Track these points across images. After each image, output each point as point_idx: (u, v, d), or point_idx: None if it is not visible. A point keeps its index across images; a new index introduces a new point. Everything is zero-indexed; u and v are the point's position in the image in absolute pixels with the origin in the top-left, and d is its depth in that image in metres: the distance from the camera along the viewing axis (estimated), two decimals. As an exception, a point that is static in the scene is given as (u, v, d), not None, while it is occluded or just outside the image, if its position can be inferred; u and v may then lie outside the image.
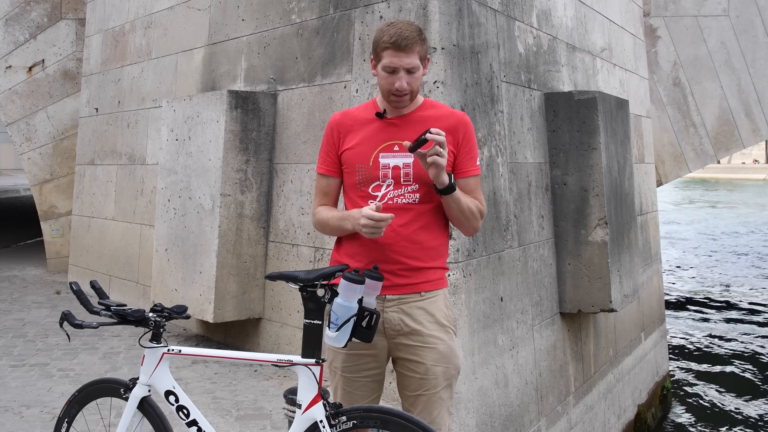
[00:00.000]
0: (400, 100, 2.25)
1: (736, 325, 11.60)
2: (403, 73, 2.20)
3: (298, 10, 5.04)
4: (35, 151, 8.98)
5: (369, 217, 2.11)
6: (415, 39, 2.18)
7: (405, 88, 2.20)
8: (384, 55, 2.20)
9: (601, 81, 6.24)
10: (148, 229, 6.61)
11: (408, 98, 2.25)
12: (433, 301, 2.29)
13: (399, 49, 2.17)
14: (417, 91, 2.28)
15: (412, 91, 2.24)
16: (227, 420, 3.98)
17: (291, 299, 4.91)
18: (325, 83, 4.77)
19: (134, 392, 2.35)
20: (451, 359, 2.29)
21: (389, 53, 2.18)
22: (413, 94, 2.26)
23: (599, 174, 4.91)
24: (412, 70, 2.20)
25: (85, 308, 2.32)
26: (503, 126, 4.45)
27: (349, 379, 2.31)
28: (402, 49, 2.17)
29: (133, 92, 7.18)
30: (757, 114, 8.57)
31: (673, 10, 8.55)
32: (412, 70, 2.20)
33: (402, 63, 2.18)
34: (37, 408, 4.11)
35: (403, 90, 2.21)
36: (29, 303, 7.06)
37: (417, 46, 2.19)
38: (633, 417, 6.57)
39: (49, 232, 9.12)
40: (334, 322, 2.08)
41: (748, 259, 18.56)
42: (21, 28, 8.89)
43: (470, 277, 3.92)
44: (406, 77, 2.20)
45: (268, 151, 5.22)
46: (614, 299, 4.92)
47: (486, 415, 3.93)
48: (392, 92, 2.23)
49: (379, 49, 2.22)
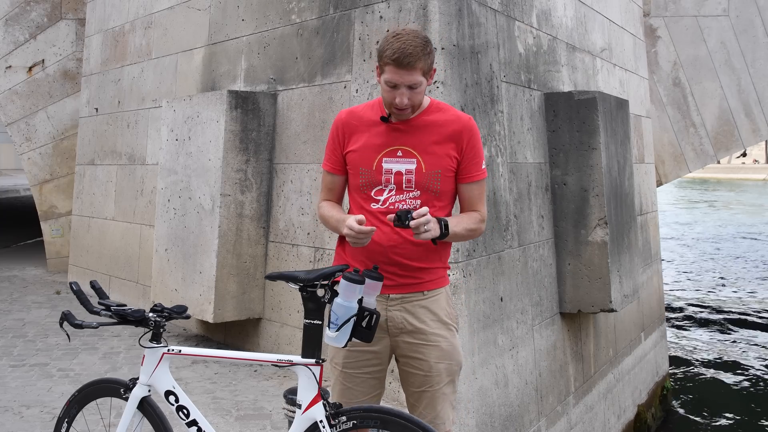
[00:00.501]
0: (400, 114, 2.25)
1: (736, 325, 11.59)
2: (404, 89, 2.18)
3: (298, 10, 5.04)
4: (35, 151, 8.98)
5: (350, 228, 2.14)
6: (418, 55, 2.15)
7: (405, 104, 2.20)
8: (386, 69, 2.18)
9: (601, 81, 6.24)
10: (148, 229, 6.61)
11: (409, 112, 2.25)
12: (436, 300, 2.32)
13: (401, 67, 2.15)
14: (419, 105, 2.27)
15: (413, 105, 2.24)
16: (227, 420, 3.98)
17: (291, 299, 4.91)
18: (325, 83, 4.77)
19: (134, 392, 2.35)
20: (454, 356, 2.32)
21: (391, 69, 2.16)
22: (414, 107, 2.25)
23: (599, 174, 4.91)
24: (414, 86, 2.19)
25: (85, 308, 2.33)
26: (503, 126, 4.45)
27: (350, 374, 2.32)
28: (404, 66, 2.14)
29: (133, 92, 7.18)
30: (757, 114, 8.57)
31: (673, 10, 8.54)
32: (413, 86, 2.19)
33: (403, 80, 2.16)
34: (37, 408, 4.11)
35: (403, 105, 2.21)
36: (29, 303, 7.06)
37: (420, 62, 2.16)
38: (633, 417, 6.57)
39: (49, 232, 9.11)
40: (334, 322, 2.08)
41: (748, 259, 18.56)
42: (21, 28, 8.89)
43: (470, 277, 3.93)
44: (407, 93, 2.19)
45: (268, 151, 5.22)
46: (614, 299, 4.92)
47: (486, 415, 3.93)
48: (392, 106, 2.23)
49: (382, 62, 2.20)
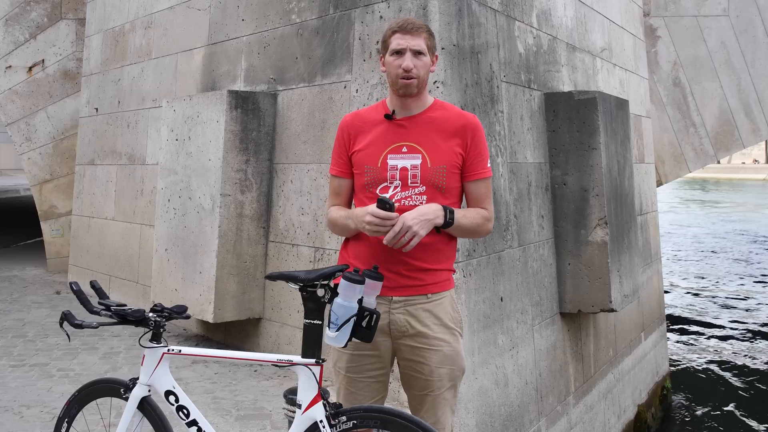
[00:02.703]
0: (408, 84, 2.24)
1: (736, 325, 11.60)
2: (409, 54, 2.23)
3: (298, 10, 5.04)
4: (35, 151, 8.98)
5: (374, 215, 2.11)
6: (421, 26, 2.26)
7: (411, 67, 2.22)
8: (392, 40, 2.26)
9: (601, 81, 6.24)
10: (148, 229, 6.61)
11: (415, 83, 2.25)
12: (440, 303, 2.29)
13: (406, 32, 2.24)
14: (424, 81, 2.28)
15: (419, 77, 2.24)
16: (227, 420, 3.98)
17: (291, 299, 4.91)
18: (325, 83, 4.77)
19: (134, 392, 2.34)
20: (456, 361, 2.29)
21: (397, 36, 2.25)
22: (420, 81, 2.25)
23: (599, 174, 4.91)
24: (420, 52, 2.24)
25: (85, 308, 2.32)
26: (503, 126, 4.45)
27: (353, 379, 2.31)
28: (408, 31, 2.24)
29: (133, 92, 7.18)
30: (757, 114, 8.57)
31: (673, 10, 8.54)
32: (419, 52, 2.24)
33: (409, 44, 2.23)
34: (37, 408, 4.11)
35: (410, 69, 2.22)
36: (29, 303, 7.06)
37: (423, 33, 2.26)
38: (633, 417, 6.57)
39: (49, 232, 9.11)
40: (334, 322, 2.07)
41: (748, 259, 18.55)
42: (21, 28, 8.89)
43: (470, 277, 3.93)
44: (413, 59, 2.23)
45: (268, 151, 5.22)
46: (614, 299, 4.91)
47: (486, 415, 3.93)
48: (400, 76, 2.23)
49: (387, 36, 2.28)
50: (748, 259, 18.46)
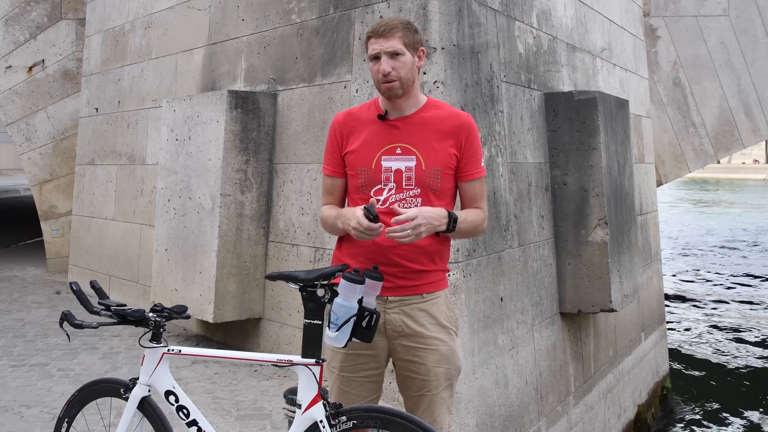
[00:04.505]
0: (389, 88, 2.22)
1: (736, 324, 11.59)
2: (385, 57, 2.21)
3: (298, 10, 5.04)
4: (35, 151, 8.98)
5: (359, 222, 2.11)
6: (395, 26, 2.22)
7: (387, 70, 2.20)
8: (368, 45, 2.27)
9: (601, 81, 6.24)
10: (148, 229, 6.61)
11: (398, 85, 2.22)
12: (435, 303, 2.29)
13: (378, 35, 2.23)
14: (408, 81, 2.24)
15: (400, 79, 2.22)
16: (227, 420, 3.98)
17: (291, 299, 4.91)
18: (325, 83, 4.77)
19: (134, 392, 2.34)
20: (452, 360, 2.29)
21: (372, 41, 2.25)
22: (403, 81, 2.23)
23: (599, 174, 4.91)
24: (395, 53, 2.21)
25: (85, 308, 2.32)
26: (503, 126, 4.45)
27: (347, 378, 2.31)
28: (381, 34, 2.22)
29: (133, 92, 7.18)
30: (757, 114, 8.57)
31: (673, 10, 8.54)
32: (395, 53, 2.21)
33: (382, 47, 2.21)
34: (37, 408, 4.11)
35: (387, 72, 2.20)
36: (29, 303, 7.06)
37: (398, 32, 2.22)
38: (633, 417, 6.57)
39: (49, 232, 9.11)
40: (334, 322, 2.07)
41: (749, 259, 18.55)
42: (21, 28, 8.89)
43: (470, 277, 3.92)
44: (389, 62, 2.21)
45: (268, 151, 5.22)
46: (614, 299, 4.91)
47: (486, 415, 3.93)
48: (380, 81, 2.23)
49: (365, 42, 2.29)
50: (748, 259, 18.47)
